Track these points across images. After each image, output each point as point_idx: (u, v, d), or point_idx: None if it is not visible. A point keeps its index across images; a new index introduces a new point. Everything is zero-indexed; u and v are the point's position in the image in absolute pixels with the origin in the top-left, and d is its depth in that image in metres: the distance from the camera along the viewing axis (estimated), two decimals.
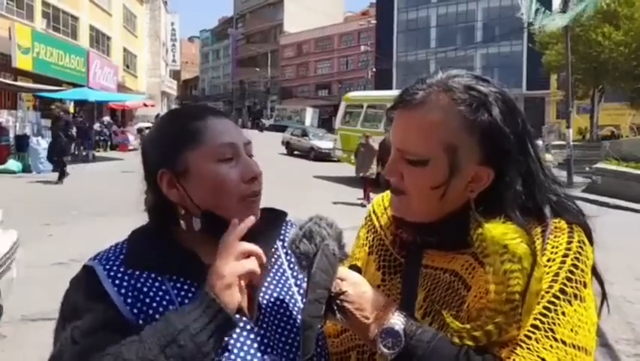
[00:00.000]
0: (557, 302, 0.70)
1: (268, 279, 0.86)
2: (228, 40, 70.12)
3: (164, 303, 0.76)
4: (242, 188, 0.80)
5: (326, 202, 9.89)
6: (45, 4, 20.79)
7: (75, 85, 20.23)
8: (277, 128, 40.92)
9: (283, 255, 0.92)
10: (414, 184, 0.78)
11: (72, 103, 18.64)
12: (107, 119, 23.07)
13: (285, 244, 0.87)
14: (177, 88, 52.76)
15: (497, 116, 0.75)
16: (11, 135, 14.16)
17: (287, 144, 24.39)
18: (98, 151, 19.29)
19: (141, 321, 0.74)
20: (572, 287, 0.71)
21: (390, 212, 0.90)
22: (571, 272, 0.72)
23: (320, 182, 14.12)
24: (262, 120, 48.42)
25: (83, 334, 0.71)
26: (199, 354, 0.66)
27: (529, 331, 0.69)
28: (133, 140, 21.29)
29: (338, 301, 0.75)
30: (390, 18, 47.24)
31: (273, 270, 0.88)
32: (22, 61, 17.00)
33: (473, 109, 0.75)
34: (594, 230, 0.79)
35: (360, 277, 0.81)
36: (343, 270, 0.79)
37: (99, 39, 26.64)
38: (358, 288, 0.77)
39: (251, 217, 0.76)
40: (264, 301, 0.83)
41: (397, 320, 0.74)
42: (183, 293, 0.77)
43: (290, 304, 0.86)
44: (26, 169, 13.23)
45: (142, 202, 0.87)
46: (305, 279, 0.78)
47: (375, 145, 10.62)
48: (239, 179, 0.80)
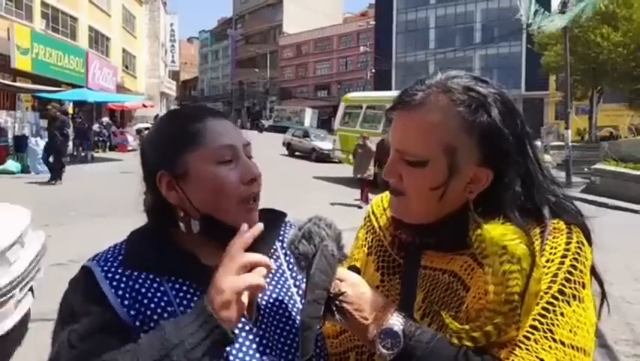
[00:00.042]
0: (556, 303, 0.70)
1: (267, 280, 0.86)
2: (227, 40, 70.09)
3: (162, 304, 0.76)
4: (241, 190, 0.80)
5: (325, 203, 9.88)
6: (44, 4, 20.76)
7: (74, 86, 20.20)
8: (276, 128, 40.94)
9: (282, 255, 0.92)
10: (413, 185, 0.78)
11: (71, 104, 18.58)
12: (106, 119, 23.04)
13: (285, 245, 0.87)
14: (176, 89, 52.75)
15: (496, 117, 0.75)
16: (10, 136, 14.13)
17: (288, 145, 24.31)
18: (97, 152, 19.26)
19: (138, 323, 0.74)
20: (571, 288, 0.71)
21: (389, 213, 0.90)
22: (569, 273, 0.72)
23: (319, 183, 14.11)
24: (261, 121, 48.36)
25: (80, 338, 0.71)
26: None
27: (528, 331, 0.69)
28: (132, 141, 21.26)
29: (337, 301, 0.75)
30: (389, 19, 47.27)
31: (272, 271, 0.88)
32: (21, 61, 16.98)
33: (472, 110, 0.75)
34: (593, 231, 0.79)
35: (359, 277, 0.81)
36: (342, 271, 0.79)
37: (98, 40, 26.62)
38: (357, 289, 0.77)
39: (258, 225, 0.74)
40: (263, 301, 0.83)
41: (396, 321, 0.74)
42: (182, 294, 0.77)
43: (289, 304, 0.86)
44: (25, 170, 13.19)
45: (141, 203, 0.87)
46: (304, 280, 0.78)
47: (372, 146, 10.62)
48: (238, 181, 0.80)
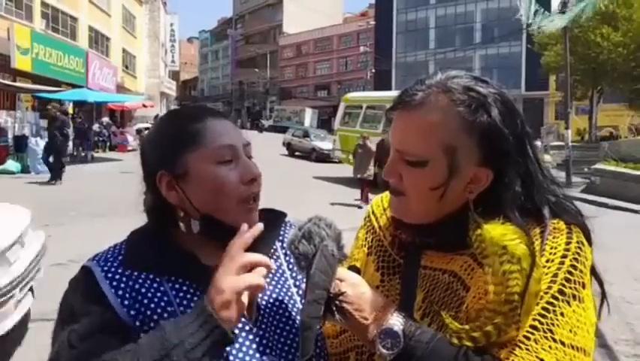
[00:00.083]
0: (556, 303, 0.70)
1: (267, 280, 0.86)
2: (227, 40, 70.09)
3: (162, 304, 0.76)
4: (241, 190, 0.80)
5: (325, 203, 9.89)
6: (44, 4, 20.76)
7: (74, 86, 20.20)
8: (276, 128, 40.94)
9: (282, 255, 0.92)
10: (413, 185, 0.78)
11: (71, 104, 18.59)
12: (106, 119, 23.04)
13: (285, 245, 0.87)
14: (176, 89, 52.75)
15: (496, 117, 0.75)
16: (10, 136, 14.13)
17: (288, 145, 24.30)
18: (97, 152, 19.26)
19: (138, 323, 0.74)
20: (571, 288, 0.71)
21: (389, 213, 0.90)
22: (569, 273, 0.72)
23: (319, 183, 14.11)
24: (261, 121, 48.37)
25: (80, 338, 0.71)
26: None
27: (528, 331, 0.69)
28: (132, 141, 21.27)
29: (337, 301, 0.75)
30: (389, 19, 47.27)
31: (272, 271, 0.88)
32: (21, 61, 16.98)
33: (472, 110, 0.75)
34: (593, 231, 0.79)
35: (359, 277, 0.81)
36: (342, 271, 0.79)
37: (98, 40, 26.61)
38: (357, 289, 0.77)
39: (258, 225, 0.74)
40: (263, 301, 0.83)
41: (396, 321, 0.74)
42: (182, 294, 0.77)
43: (289, 304, 0.86)
44: (25, 170, 13.20)
45: (141, 203, 0.87)
46: (304, 280, 0.78)
47: (372, 146, 10.61)
48: (238, 181, 0.80)
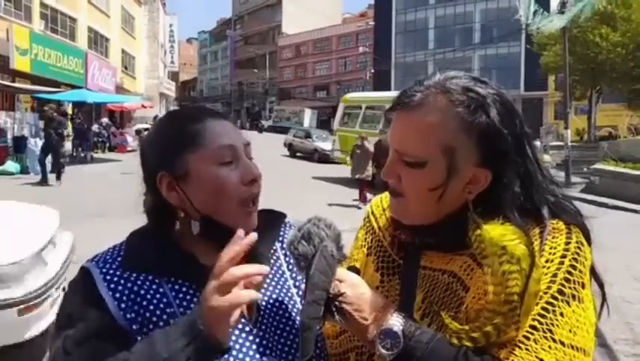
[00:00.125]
0: (556, 303, 0.70)
1: (267, 280, 0.86)
2: (227, 41, 70.06)
3: (161, 306, 0.75)
4: (241, 190, 0.80)
5: (325, 204, 9.89)
6: (43, 5, 20.75)
7: (73, 86, 20.19)
8: (276, 129, 40.92)
9: (282, 256, 0.92)
10: (412, 186, 0.78)
11: (70, 104, 18.59)
12: (106, 120, 23.01)
13: (284, 246, 0.87)
14: (175, 89, 52.73)
15: (495, 117, 0.75)
16: (9, 137, 14.13)
17: (289, 146, 24.23)
18: (97, 152, 19.24)
19: (137, 325, 0.73)
20: (570, 288, 0.71)
21: (388, 213, 0.90)
22: (569, 273, 0.72)
23: (319, 183, 14.10)
24: (261, 121, 48.34)
25: (76, 343, 0.71)
26: None
27: (527, 332, 0.69)
28: (131, 141, 21.24)
29: (337, 302, 0.75)
30: (388, 19, 47.28)
31: (272, 271, 0.88)
32: (20, 62, 16.97)
33: (471, 110, 0.75)
34: (592, 231, 0.79)
35: (358, 278, 0.81)
36: (342, 271, 0.79)
37: (97, 40, 26.60)
38: (357, 289, 0.77)
39: (252, 235, 0.70)
40: (263, 302, 0.83)
41: (396, 321, 0.74)
42: (182, 295, 0.77)
43: (289, 305, 0.86)
44: (24, 171, 13.18)
45: (141, 204, 0.87)
46: (304, 280, 0.78)
47: (370, 147, 10.60)
48: (238, 181, 0.79)
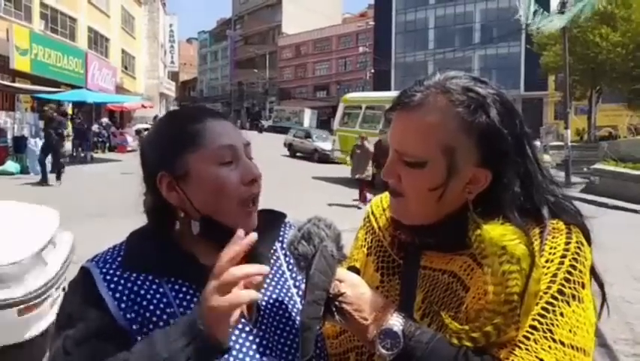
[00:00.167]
0: (556, 303, 0.70)
1: (267, 280, 0.86)
2: (227, 41, 70.05)
3: (161, 305, 0.75)
4: (242, 190, 0.80)
5: (325, 204, 9.89)
6: (43, 5, 20.75)
7: (73, 86, 20.19)
8: (276, 129, 40.93)
9: (282, 256, 0.92)
10: (412, 186, 0.78)
11: (70, 104, 18.59)
12: (106, 120, 23.01)
13: (284, 246, 0.87)
14: (175, 89, 52.73)
15: (495, 117, 0.75)
16: (9, 137, 14.13)
17: (289, 146, 24.21)
18: (97, 152, 19.24)
19: (137, 325, 0.73)
20: (570, 288, 0.71)
21: (388, 213, 0.90)
22: (569, 273, 0.72)
23: (319, 183, 14.10)
24: (261, 121, 48.33)
25: (76, 343, 0.71)
26: None
27: (527, 332, 0.69)
28: (131, 141, 21.24)
29: (337, 302, 0.75)
30: (388, 19, 47.28)
31: (272, 271, 0.88)
32: (20, 62, 16.97)
33: (471, 110, 0.75)
34: (592, 231, 0.79)
35: (358, 278, 0.81)
36: (342, 271, 0.79)
37: (97, 40, 26.60)
38: (357, 289, 0.77)
39: (252, 235, 0.70)
40: (263, 302, 0.83)
41: (396, 321, 0.74)
42: (182, 295, 0.77)
43: (289, 305, 0.86)
44: (24, 171, 13.18)
45: (141, 204, 0.87)
46: (304, 280, 0.78)
47: (370, 147, 10.59)
48: (239, 181, 0.79)
